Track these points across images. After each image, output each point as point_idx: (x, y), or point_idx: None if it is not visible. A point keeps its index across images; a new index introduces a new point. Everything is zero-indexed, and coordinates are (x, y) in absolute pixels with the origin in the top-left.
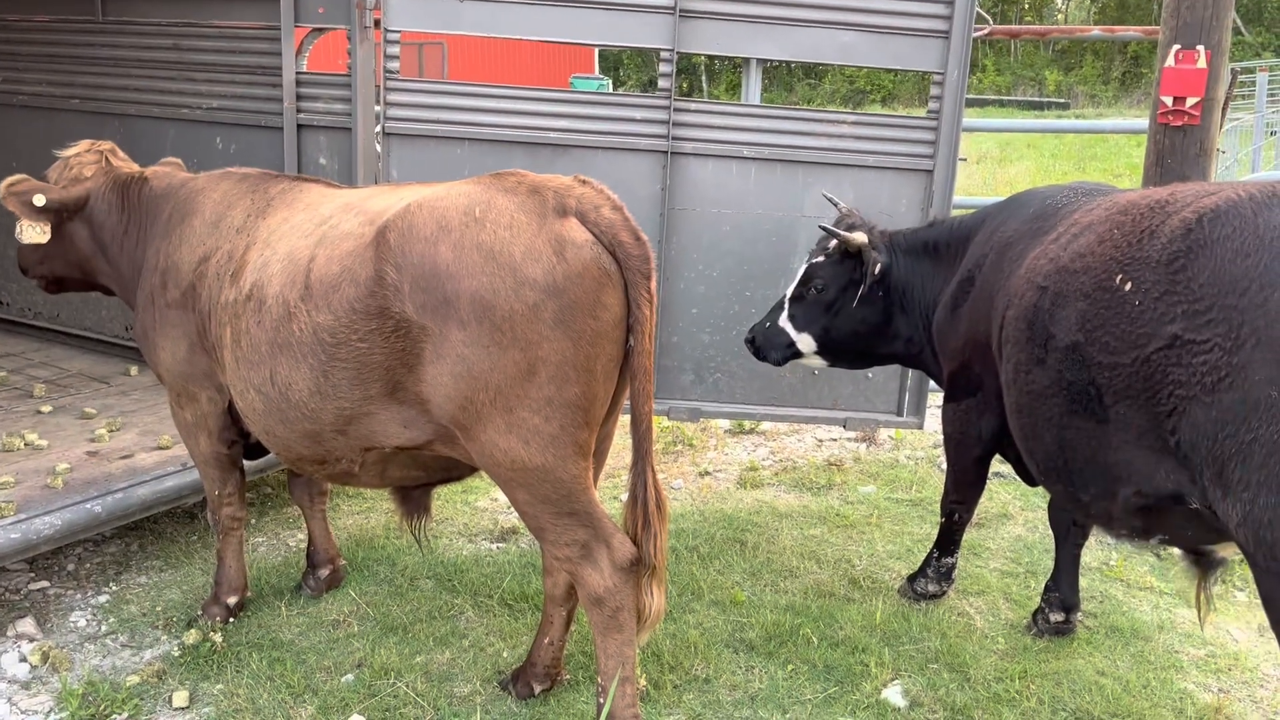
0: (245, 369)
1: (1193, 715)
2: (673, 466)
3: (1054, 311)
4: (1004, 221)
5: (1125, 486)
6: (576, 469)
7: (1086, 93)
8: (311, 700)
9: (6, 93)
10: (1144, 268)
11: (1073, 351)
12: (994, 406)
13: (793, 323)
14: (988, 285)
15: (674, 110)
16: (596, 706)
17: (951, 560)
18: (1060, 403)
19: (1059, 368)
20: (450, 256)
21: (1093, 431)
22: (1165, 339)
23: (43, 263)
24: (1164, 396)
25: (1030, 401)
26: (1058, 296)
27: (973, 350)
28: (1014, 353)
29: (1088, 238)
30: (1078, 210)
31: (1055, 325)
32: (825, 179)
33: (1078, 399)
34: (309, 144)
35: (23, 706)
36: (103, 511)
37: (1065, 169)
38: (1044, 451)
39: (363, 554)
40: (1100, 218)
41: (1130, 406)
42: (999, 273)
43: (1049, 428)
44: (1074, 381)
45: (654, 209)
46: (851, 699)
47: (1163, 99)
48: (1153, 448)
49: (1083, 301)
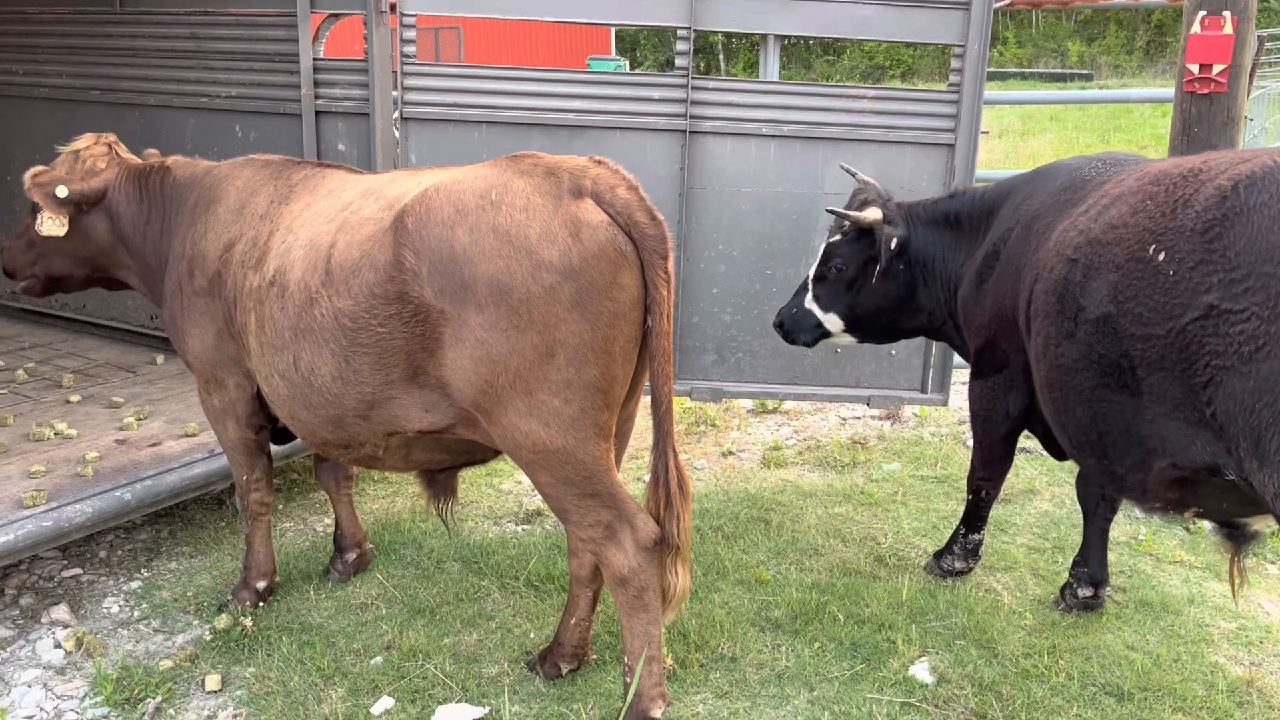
0: (269, 354)
1: (1224, 688)
2: (696, 447)
3: (1085, 284)
4: (1030, 194)
5: (1160, 459)
6: (598, 450)
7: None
8: (341, 682)
9: (27, 85)
10: (1178, 237)
11: (1104, 324)
12: (1021, 383)
13: (818, 303)
14: (1014, 259)
15: (692, 89)
16: (624, 686)
17: (978, 537)
18: (1092, 376)
19: (1090, 341)
20: (467, 240)
21: (1126, 404)
22: (1201, 309)
23: (38, 262)
24: (1200, 367)
25: (1061, 376)
26: (1089, 269)
27: (999, 326)
28: (1043, 326)
29: (1119, 208)
30: (1108, 181)
31: (1086, 298)
32: (846, 155)
33: (1110, 372)
34: (327, 130)
35: (58, 691)
36: (132, 499)
37: (1089, 141)
38: (1076, 426)
39: (389, 537)
40: (1132, 188)
41: (1165, 378)
42: (1026, 246)
43: (1081, 402)
44: (1105, 354)
45: (673, 189)
46: (879, 676)
47: (1189, 66)
48: (1188, 419)
49: (1115, 273)
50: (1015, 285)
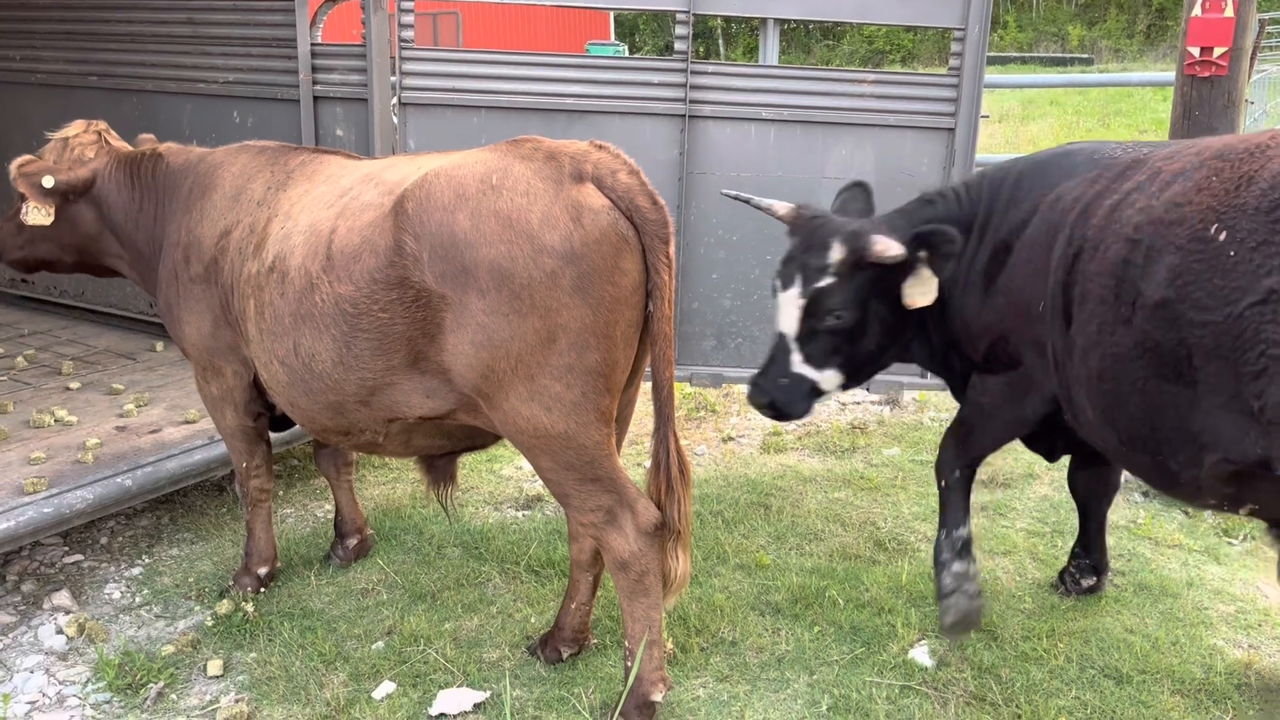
0: (269, 341)
1: (1222, 671)
2: (696, 432)
3: (1146, 266)
4: (1044, 182)
5: (1211, 453)
6: (599, 435)
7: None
8: (343, 667)
9: (24, 71)
10: (1240, 216)
11: (1162, 309)
12: (1040, 385)
13: (811, 363)
14: (1035, 246)
15: (691, 73)
16: (624, 670)
17: (962, 531)
18: (1147, 366)
19: (1147, 328)
20: (468, 225)
21: (1181, 396)
22: (1260, 294)
23: (25, 246)
24: (1253, 357)
25: (1115, 365)
26: (1151, 250)
27: (1014, 321)
28: (1098, 312)
29: (1182, 185)
30: (1152, 157)
31: (1145, 281)
32: (846, 139)
33: (1167, 361)
34: (325, 116)
35: (60, 677)
36: (133, 485)
37: (1089, 125)
38: (1128, 419)
39: (390, 523)
40: (1193, 163)
41: (1221, 367)
42: (1051, 230)
43: (1135, 393)
44: (1163, 342)
45: (672, 173)
46: (878, 660)
47: (1189, 50)
48: (1241, 411)
49: (1175, 255)
50: (1033, 274)
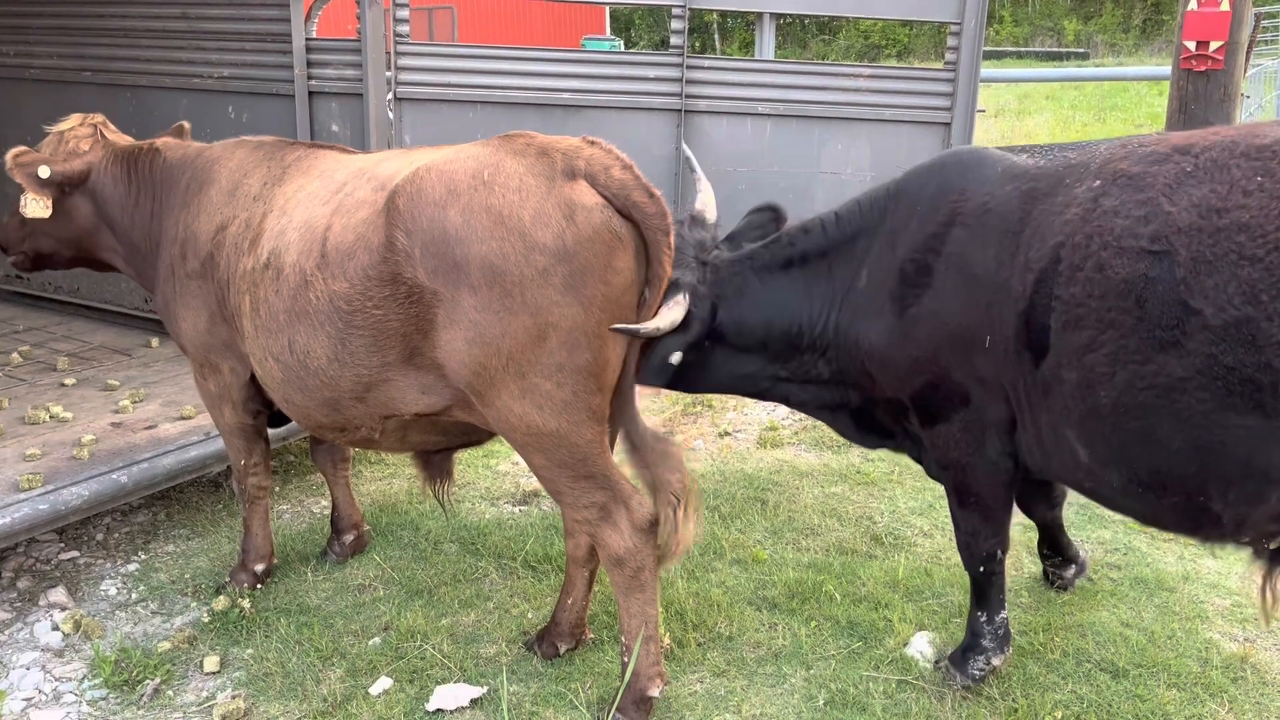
0: (264, 337)
1: (1218, 665)
2: (692, 428)
3: (1193, 281)
4: (950, 190)
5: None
6: (591, 433)
7: (1106, 42)
8: (340, 663)
9: (18, 66)
10: None
11: (1239, 330)
12: (1000, 420)
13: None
14: (967, 266)
15: (687, 68)
16: (621, 665)
17: (1004, 614)
18: (1210, 395)
19: (1212, 351)
20: (459, 221)
21: (1255, 427)
22: None
23: (26, 240)
24: None
25: (1152, 398)
26: (1198, 263)
27: (951, 353)
28: (1108, 340)
29: (1213, 186)
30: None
31: (1199, 298)
32: (841, 134)
33: (1240, 389)
34: (321, 111)
35: (57, 674)
36: (129, 481)
37: (1085, 120)
38: (1162, 459)
39: (386, 519)
40: (1219, 160)
41: None
42: (987, 247)
43: (1182, 428)
44: (1236, 367)
45: (668, 168)
46: (875, 654)
47: (1185, 44)
48: None
49: (1249, 267)
50: (978, 297)
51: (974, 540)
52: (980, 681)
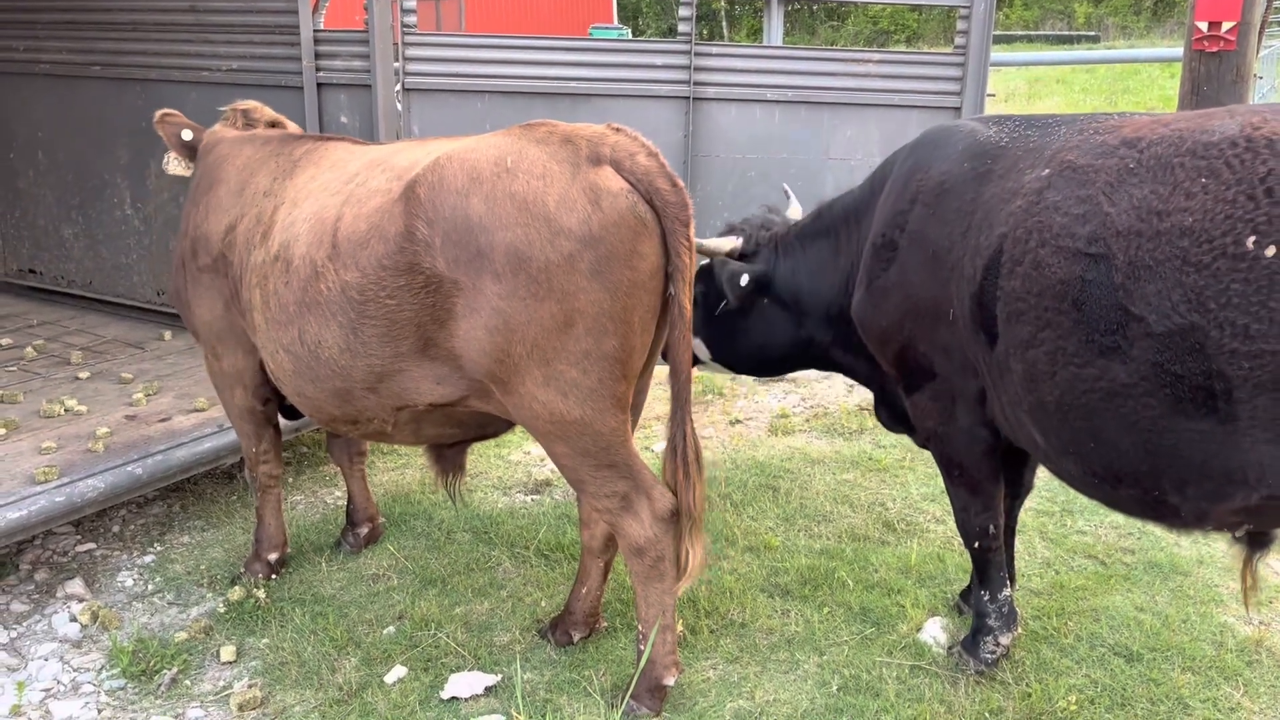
0: (274, 329)
1: (1233, 648)
2: (704, 415)
3: (1133, 287)
4: (916, 166)
5: (1251, 491)
6: (615, 421)
7: (1117, 24)
8: (355, 652)
9: (28, 62)
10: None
11: (1185, 338)
12: (966, 390)
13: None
14: (925, 243)
15: (695, 55)
16: (636, 653)
17: (1008, 593)
18: (1158, 401)
19: (1157, 358)
20: (483, 209)
21: (1211, 433)
22: None
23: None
24: None
25: (1095, 401)
26: (1137, 268)
27: (914, 325)
28: (1046, 339)
29: (1154, 187)
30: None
31: (1141, 304)
32: (851, 120)
33: (1190, 396)
34: (329, 102)
35: (75, 664)
36: (143, 473)
37: (1096, 104)
38: (1113, 456)
39: (400, 509)
40: (1159, 158)
41: (1276, 400)
42: (942, 226)
43: (1130, 431)
44: (1185, 375)
45: (678, 156)
46: (888, 640)
47: (1198, 25)
48: None
49: (1195, 274)
50: (936, 273)
51: (966, 515)
52: (993, 665)
